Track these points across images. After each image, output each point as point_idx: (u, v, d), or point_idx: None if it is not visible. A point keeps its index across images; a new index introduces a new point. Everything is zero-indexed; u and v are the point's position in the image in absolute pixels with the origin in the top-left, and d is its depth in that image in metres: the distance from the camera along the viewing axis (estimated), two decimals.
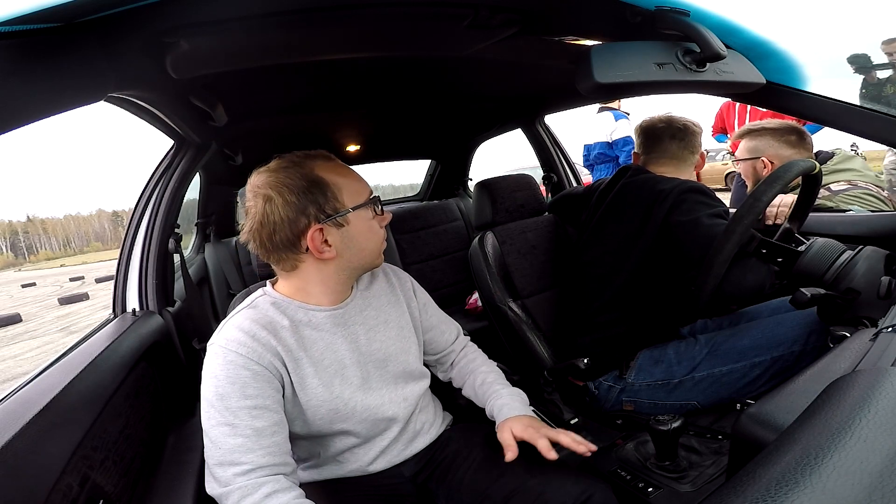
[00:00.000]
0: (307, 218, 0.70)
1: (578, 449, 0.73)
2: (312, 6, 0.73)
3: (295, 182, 0.70)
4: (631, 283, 1.11)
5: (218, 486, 0.65)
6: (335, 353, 0.77)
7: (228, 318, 0.74)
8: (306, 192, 0.70)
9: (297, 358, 0.73)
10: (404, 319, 0.88)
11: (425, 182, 3.15)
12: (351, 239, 0.74)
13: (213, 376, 0.67)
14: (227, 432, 0.65)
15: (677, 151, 1.21)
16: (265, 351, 0.70)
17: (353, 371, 0.78)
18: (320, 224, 0.71)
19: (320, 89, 1.35)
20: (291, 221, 0.69)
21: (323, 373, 0.75)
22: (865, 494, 0.29)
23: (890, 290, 0.74)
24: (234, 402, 0.66)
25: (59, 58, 0.51)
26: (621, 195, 1.18)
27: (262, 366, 0.69)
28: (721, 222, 0.95)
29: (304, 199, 0.69)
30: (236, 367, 0.67)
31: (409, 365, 0.85)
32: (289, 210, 0.69)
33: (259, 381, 0.68)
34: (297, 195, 0.69)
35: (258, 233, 0.71)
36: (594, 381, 1.15)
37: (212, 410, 0.66)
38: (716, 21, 0.74)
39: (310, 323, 0.76)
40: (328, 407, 0.74)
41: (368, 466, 0.81)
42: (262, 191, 0.70)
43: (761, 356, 0.99)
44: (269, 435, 0.67)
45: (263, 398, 0.68)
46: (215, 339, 0.71)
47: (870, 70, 1.52)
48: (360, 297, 0.83)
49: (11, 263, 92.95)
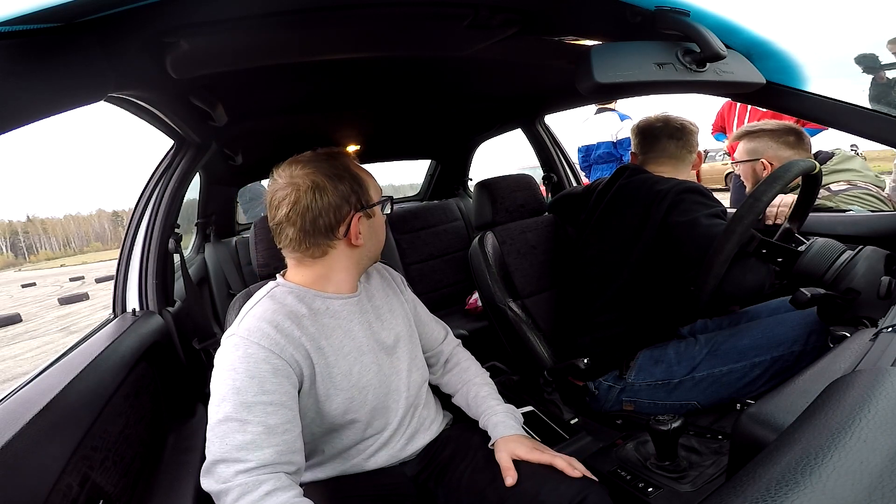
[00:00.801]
0: (349, 205, 0.76)
1: (573, 474, 0.73)
2: (312, 6, 0.73)
3: (339, 172, 0.76)
4: (630, 283, 1.11)
5: (216, 482, 0.63)
6: (353, 340, 0.79)
7: (249, 310, 0.75)
8: (350, 183, 0.76)
9: (321, 347, 0.74)
10: (404, 309, 0.92)
11: (425, 182, 3.15)
12: (374, 230, 0.82)
13: (230, 369, 0.66)
14: (237, 428, 0.64)
15: (675, 151, 1.22)
16: (288, 343, 0.70)
17: (369, 357, 0.80)
18: (359, 213, 0.77)
19: (320, 89, 1.35)
20: (337, 207, 0.75)
21: (343, 361, 0.76)
22: (865, 494, 0.29)
23: (890, 290, 0.74)
24: (250, 396, 0.65)
25: (59, 58, 0.51)
26: (619, 195, 1.18)
27: (283, 360, 0.69)
28: (719, 222, 0.95)
29: (348, 189, 0.76)
30: (257, 361, 0.67)
31: (413, 350, 0.89)
32: (336, 197, 0.74)
33: (279, 377, 0.68)
34: (343, 184, 0.75)
35: (301, 217, 0.74)
36: (594, 381, 1.15)
37: (224, 404, 0.65)
38: (716, 21, 0.74)
39: (328, 311, 0.78)
40: (345, 395, 0.76)
41: (369, 460, 0.81)
42: (308, 178, 0.74)
43: (761, 356, 0.99)
44: (280, 433, 0.66)
45: (280, 394, 0.68)
46: (236, 330, 0.71)
47: (878, 70, 1.50)
48: (363, 288, 0.86)
49: (11, 263, 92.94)
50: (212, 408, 0.66)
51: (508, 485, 0.73)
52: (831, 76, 1.17)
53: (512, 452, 0.77)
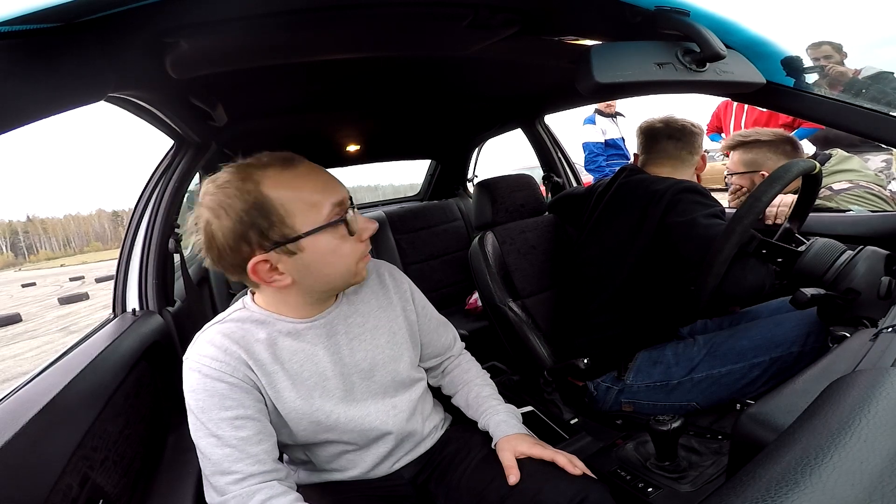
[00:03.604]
0: (249, 245, 0.62)
1: (574, 471, 0.73)
2: (312, 6, 0.73)
3: (233, 202, 0.61)
4: (628, 284, 1.11)
5: (216, 494, 0.65)
6: (315, 366, 0.74)
7: (201, 333, 0.71)
8: (247, 215, 0.61)
9: (271, 372, 0.70)
10: (397, 324, 0.83)
11: (425, 182, 3.15)
12: (307, 266, 0.66)
13: (191, 390, 0.66)
14: (214, 443, 0.65)
15: (675, 152, 1.21)
16: (238, 364, 0.67)
17: (334, 383, 0.75)
18: (265, 253, 0.63)
19: (320, 89, 1.35)
20: (232, 249, 0.62)
21: (301, 386, 0.72)
22: (865, 494, 0.29)
23: (890, 291, 0.74)
24: (214, 413, 0.65)
25: (59, 58, 0.51)
26: (618, 196, 1.18)
27: (237, 378, 0.67)
28: (718, 222, 0.95)
29: (244, 225, 0.61)
30: (212, 381, 0.65)
31: (398, 374, 0.81)
32: (228, 237, 0.61)
33: (237, 392, 0.67)
34: (235, 220, 0.61)
35: (208, 251, 0.65)
36: (593, 382, 1.15)
37: (197, 423, 0.66)
38: (716, 21, 0.74)
39: (290, 333, 0.72)
40: (309, 419, 0.73)
41: (370, 472, 0.80)
42: (204, 207, 0.63)
43: (760, 357, 0.99)
44: (255, 443, 0.66)
45: (244, 408, 0.67)
46: (188, 353, 0.68)
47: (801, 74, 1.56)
48: (345, 302, 0.79)
49: (11, 263, 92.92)
50: (190, 427, 0.67)
51: (511, 483, 0.73)
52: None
53: (515, 450, 0.77)
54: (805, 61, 0.85)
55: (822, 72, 1.69)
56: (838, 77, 1.71)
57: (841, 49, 1.96)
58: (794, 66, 0.84)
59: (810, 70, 0.86)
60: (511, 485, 0.73)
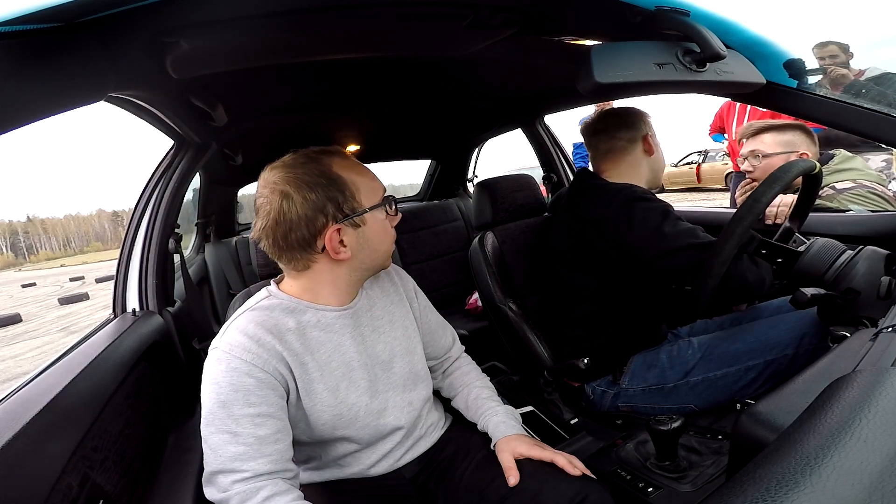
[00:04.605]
0: (325, 217, 0.68)
1: (573, 472, 0.73)
2: (312, 6, 0.73)
3: (313, 178, 0.67)
4: (602, 299, 1.10)
5: (217, 491, 0.64)
6: (343, 356, 0.75)
7: (232, 321, 0.71)
8: (325, 190, 0.67)
9: (304, 362, 0.71)
10: (409, 319, 0.87)
11: (425, 182, 3.15)
12: (366, 240, 0.73)
13: (214, 382, 0.65)
14: (228, 440, 0.64)
15: (614, 143, 1.16)
16: (270, 357, 0.67)
17: (360, 374, 0.76)
18: (338, 224, 0.69)
19: (320, 89, 1.35)
20: (309, 220, 0.67)
21: (329, 376, 0.73)
22: (865, 494, 0.29)
23: (890, 290, 0.74)
24: (236, 409, 0.64)
25: (59, 58, 0.51)
26: (572, 214, 1.15)
27: (266, 372, 0.67)
28: (682, 224, 0.95)
29: (323, 197, 0.67)
30: (240, 375, 0.65)
31: (414, 366, 0.83)
32: (307, 208, 0.67)
33: (263, 389, 0.66)
34: (315, 192, 0.67)
35: (272, 230, 0.68)
36: (590, 385, 1.15)
37: (212, 417, 0.65)
38: (716, 21, 0.74)
39: (318, 324, 0.74)
40: (332, 412, 0.73)
41: (369, 470, 0.80)
42: (278, 187, 0.67)
43: (754, 360, 0.99)
44: (271, 443, 0.66)
45: (267, 405, 0.66)
46: (218, 343, 0.68)
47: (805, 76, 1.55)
48: (365, 296, 0.82)
49: (11, 263, 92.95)
50: (202, 421, 0.66)
51: (511, 484, 0.73)
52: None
53: (514, 451, 0.77)
54: (808, 61, 0.85)
55: (823, 73, 1.68)
56: (839, 79, 1.71)
57: (847, 49, 1.94)
58: (795, 66, 0.84)
59: (811, 72, 0.86)
60: (511, 486, 0.73)
